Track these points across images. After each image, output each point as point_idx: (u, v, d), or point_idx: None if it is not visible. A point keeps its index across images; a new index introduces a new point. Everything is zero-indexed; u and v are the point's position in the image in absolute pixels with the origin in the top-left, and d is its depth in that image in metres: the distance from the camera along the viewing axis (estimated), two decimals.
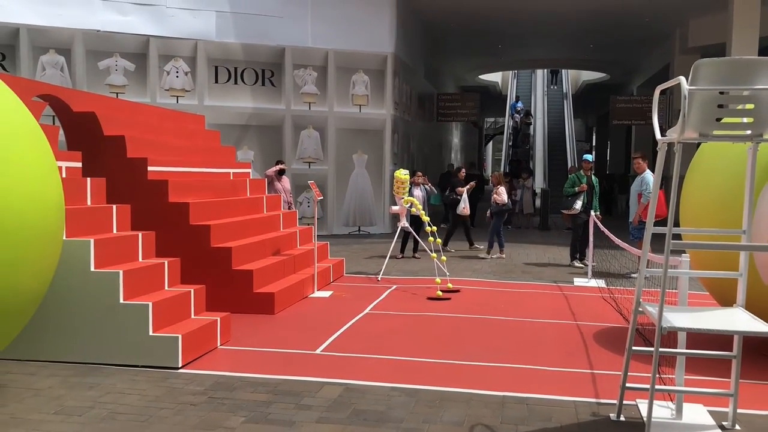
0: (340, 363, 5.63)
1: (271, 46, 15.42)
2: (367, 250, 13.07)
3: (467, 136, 37.27)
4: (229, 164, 9.71)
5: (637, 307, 4.07)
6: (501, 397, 4.79)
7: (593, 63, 28.04)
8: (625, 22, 19.88)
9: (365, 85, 16.20)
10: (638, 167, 10.08)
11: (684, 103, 3.32)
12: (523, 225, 19.57)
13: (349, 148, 16.21)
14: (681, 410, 4.37)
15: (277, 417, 4.35)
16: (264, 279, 7.62)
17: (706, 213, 5.69)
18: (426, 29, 20.70)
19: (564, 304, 8.23)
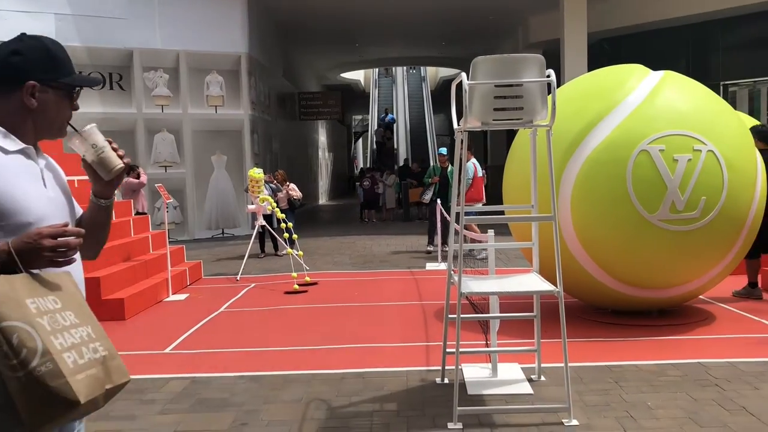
0: (189, 359, 5.76)
1: (117, 49, 14.98)
2: (228, 252, 13.09)
3: (335, 135, 37.75)
4: (73, 172, 9.41)
5: (449, 279, 4.54)
6: (341, 374, 5.13)
7: (447, 60, 29.34)
8: (472, 20, 21.01)
9: (220, 85, 16.12)
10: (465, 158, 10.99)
11: (466, 96, 3.79)
12: (387, 218, 20.25)
13: (207, 150, 16.06)
14: (496, 369, 4.91)
15: (119, 414, 4.44)
16: (113, 285, 7.55)
17: (518, 194, 6.34)
18: (281, 29, 20.83)
19: (413, 287, 8.76)
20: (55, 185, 1.97)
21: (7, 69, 1.85)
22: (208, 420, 4.29)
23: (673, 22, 17.87)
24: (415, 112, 36.27)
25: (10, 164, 1.83)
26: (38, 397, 1.59)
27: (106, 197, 2.03)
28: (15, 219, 1.78)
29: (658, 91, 6.13)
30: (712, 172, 5.79)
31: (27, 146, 1.90)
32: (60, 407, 1.61)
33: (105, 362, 1.74)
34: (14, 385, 1.59)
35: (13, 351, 1.58)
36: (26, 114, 1.88)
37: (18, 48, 1.86)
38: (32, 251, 1.70)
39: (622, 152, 5.77)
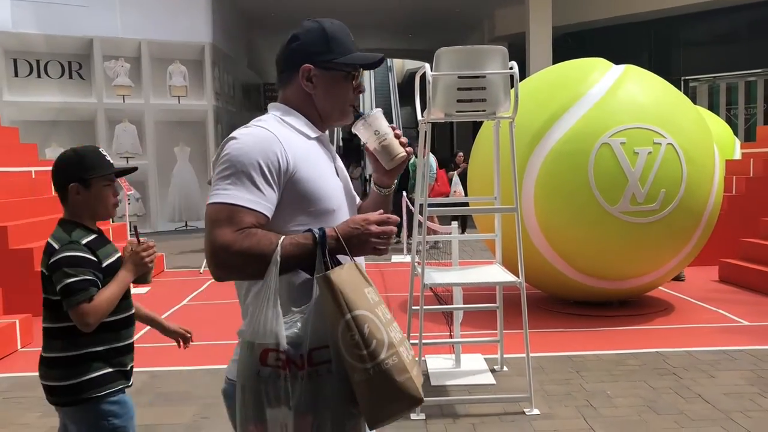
0: (149, 353, 5.65)
1: (76, 37, 14.60)
2: (192, 245, 12.91)
3: None
4: (30, 162, 9.20)
5: (413, 271, 4.54)
6: None
7: (414, 52, 29.33)
8: (438, 12, 21.03)
9: (183, 75, 15.86)
10: None
11: (429, 88, 3.78)
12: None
13: (170, 141, 15.80)
14: (459, 360, 4.93)
15: None
16: None
17: (482, 186, 6.36)
18: (245, 18, 20.57)
19: (379, 279, 8.75)
20: (341, 174, 1.92)
21: (288, 56, 1.84)
22: (168, 414, 4.23)
23: (636, 17, 18.15)
24: (381, 104, 36.21)
25: (312, 150, 1.80)
26: (383, 391, 1.54)
27: (387, 186, 1.97)
28: (321, 205, 1.74)
29: (620, 84, 6.21)
30: (671, 165, 5.89)
31: (322, 133, 1.87)
32: (404, 403, 1.57)
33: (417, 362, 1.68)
34: (359, 377, 1.54)
35: (364, 341, 1.53)
36: (309, 99, 1.84)
37: (297, 33, 1.86)
38: (360, 238, 1.67)
39: (584, 145, 5.83)
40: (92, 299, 2.22)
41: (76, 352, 2.30)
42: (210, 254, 1.63)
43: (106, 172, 2.37)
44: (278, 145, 1.69)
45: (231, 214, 1.62)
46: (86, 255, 2.28)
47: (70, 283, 2.21)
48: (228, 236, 1.59)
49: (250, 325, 1.61)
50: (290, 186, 1.70)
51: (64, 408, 2.36)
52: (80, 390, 2.30)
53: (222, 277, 1.66)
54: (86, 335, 2.28)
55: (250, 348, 1.59)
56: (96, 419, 2.32)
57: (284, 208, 1.70)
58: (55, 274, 2.24)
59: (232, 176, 1.65)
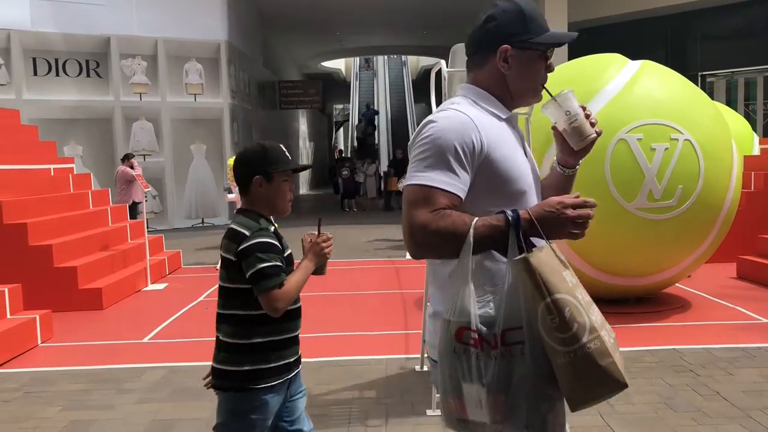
0: (167, 348, 5.73)
1: (94, 36, 14.74)
2: (208, 241, 13.00)
3: (316, 124, 37.57)
4: (49, 160, 9.30)
5: (429, 265, 4.54)
6: (320, 362, 5.13)
7: (428, 49, 29.26)
8: (453, 9, 20.97)
9: (199, 73, 15.95)
10: None
11: (444, 84, 3.77)
12: (368, 207, 20.23)
13: (186, 139, 15.91)
14: None
15: (96, 403, 4.41)
16: (90, 275, 7.46)
17: None
18: (261, 16, 20.65)
19: (394, 276, 8.77)
20: (528, 155, 1.94)
21: (484, 37, 1.85)
22: (186, 409, 4.27)
23: (653, 12, 18.00)
24: (396, 101, 36.18)
25: (504, 132, 1.83)
26: (587, 374, 1.56)
27: (572, 166, 2.00)
28: (513, 186, 1.77)
29: (637, 80, 6.17)
30: (688, 161, 5.84)
31: (512, 114, 1.89)
32: (608, 386, 1.59)
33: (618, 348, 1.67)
34: (562, 360, 1.56)
35: (566, 325, 1.55)
36: (503, 80, 1.85)
37: (493, 13, 1.85)
38: (556, 221, 1.66)
39: (601, 141, 5.72)
40: (282, 285, 2.28)
41: (251, 341, 2.34)
42: (408, 233, 1.69)
43: (287, 168, 2.43)
44: (473, 128, 1.72)
45: (427, 196, 1.67)
46: (275, 242, 2.34)
47: (263, 268, 2.26)
48: (424, 216, 1.65)
49: (446, 302, 1.66)
50: (483, 167, 1.73)
51: (222, 392, 2.38)
52: (248, 378, 2.33)
53: (418, 255, 1.70)
54: (266, 324, 2.34)
55: (447, 325, 1.63)
56: (240, 410, 2.34)
57: (477, 190, 1.73)
58: (246, 260, 2.28)
59: (429, 158, 1.70)
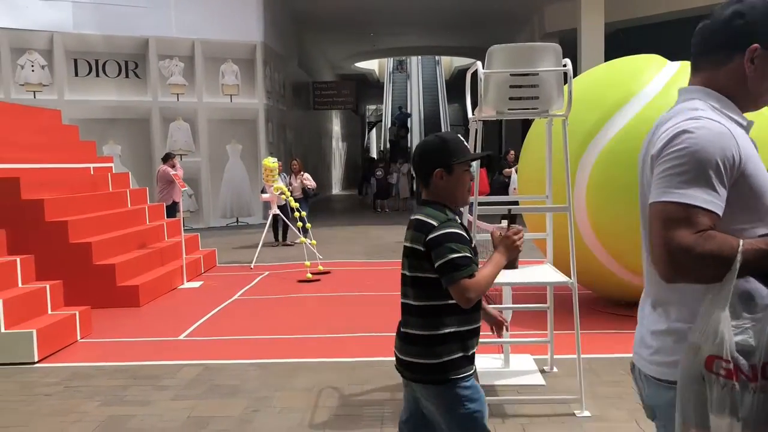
0: (202, 346, 5.81)
1: (133, 37, 15.02)
2: (243, 240, 13.14)
3: (349, 124, 37.71)
4: (89, 159, 9.51)
5: None
6: (352, 362, 5.15)
7: (462, 49, 29.15)
8: (487, 9, 20.86)
9: (235, 74, 16.14)
10: None
11: (481, 85, 3.76)
12: (400, 207, 20.23)
13: (222, 139, 16.11)
14: (508, 360, 4.90)
15: (133, 399, 4.49)
16: (128, 272, 7.61)
17: (533, 184, 6.30)
18: (296, 17, 20.80)
19: None
20: None
21: (730, 34, 1.70)
22: (220, 406, 4.32)
23: (692, 12, 17.63)
24: (429, 102, 36.14)
25: (749, 141, 1.67)
26: None
27: None
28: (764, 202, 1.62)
29: (676, 82, 6.05)
30: None
31: (750, 121, 1.73)
32: None
33: None
34: None
35: None
36: (744, 82, 1.70)
37: (740, 10, 1.69)
38: None
39: (638, 143, 5.63)
40: (473, 276, 2.26)
41: (441, 331, 2.34)
42: (665, 256, 1.55)
43: (467, 158, 2.41)
44: (732, 140, 1.59)
45: (689, 215, 1.54)
46: (464, 233, 2.33)
47: (455, 258, 2.24)
48: (688, 239, 1.52)
49: (693, 322, 1.55)
50: (738, 183, 1.60)
51: (418, 384, 2.41)
52: (442, 370, 2.33)
53: (675, 278, 1.56)
54: (455, 314, 2.33)
55: (695, 351, 1.50)
56: (453, 403, 2.36)
57: (729, 206, 1.59)
58: (436, 249, 2.27)
59: (688, 173, 1.56)
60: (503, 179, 12.30)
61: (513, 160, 13.22)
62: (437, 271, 2.27)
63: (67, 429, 4.01)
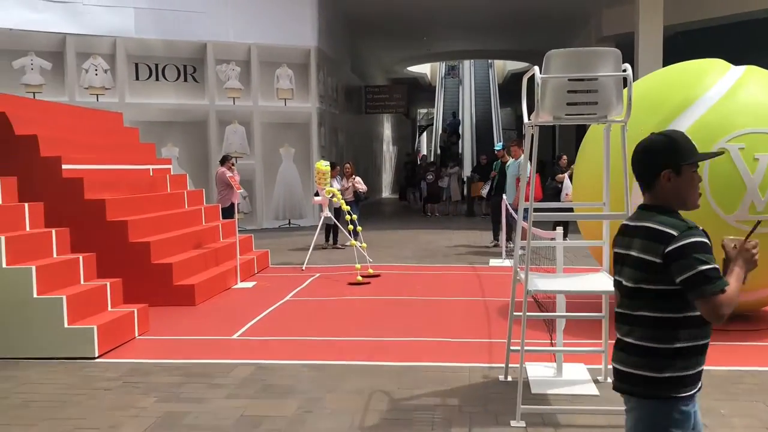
0: (255, 346, 5.90)
1: (192, 42, 15.39)
2: (295, 242, 13.30)
3: (400, 128, 37.77)
4: (149, 161, 9.78)
5: (515, 276, 4.49)
6: (402, 366, 5.15)
7: (516, 53, 28.88)
8: (542, 12, 20.62)
9: (289, 78, 16.36)
10: (515, 153, 11.18)
11: (538, 90, 3.72)
12: (451, 212, 20.14)
13: (275, 142, 16.35)
14: (561, 369, 4.83)
15: (188, 396, 4.59)
16: (184, 272, 7.79)
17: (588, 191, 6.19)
18: (350, 22, 20.96)
19: (476, 283, 8.69)
20: None
21: None
22: (272, 406, 4.38)
23: (755, 14, 17.06)
24: (481, 106, 35.89)
25: None
26: None
27: None
28: None
29: (740, 86, 5.88)
30: None
31: None
32: None
33: None
34: None
35: None
36: None
37: None
38: None
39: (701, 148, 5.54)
40: (725, 290, 2.09)
41: (673, 345, 2.20)
42: None
43: (696, 158, 2.24)
44: None
45: None
46: (709, 242, 2.15)
47: (705, 271, 2.08)
48: None
49: None
50: None
51: (634, 397, 2.29)
52: (665, 386, 2.21)
53: None
54: (689, 328, 2.19)
55: None
56: (659, 423, 2.23)
57: None
58: (680, 262, 2.10)
59: None
60: (556, 185, 12.11)
61: (565, 165, 13.03)
62: (683, 285, 2.11)
63: (125, 423, 4.13)
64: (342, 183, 12.56)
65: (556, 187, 12.06)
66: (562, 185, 11.86)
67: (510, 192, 11.02)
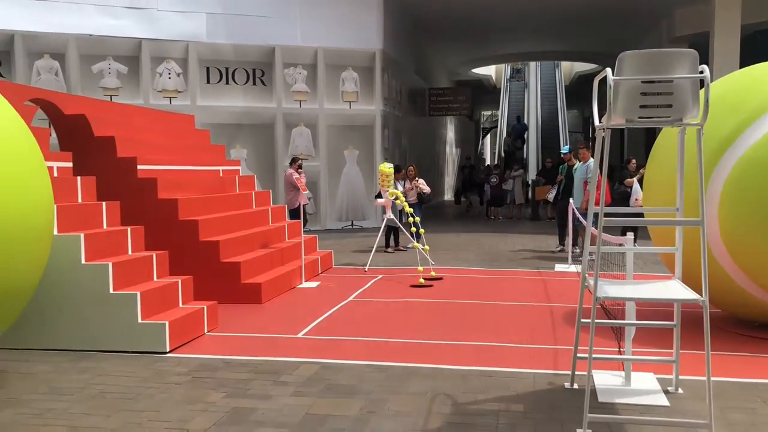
0: (319, 345, 5.98)
1: (261, 46, 15.74)
2: (358, 243, 13.41)
3: (463, 130, 37.57)
4: (219, 162, 10.05)
5: (584, 282, 4.41)
6: (465, 371, 5.13)
7: (583, 54, 28.31)
8: (614, 13, 20.15)
9: (355, 81, 16.52)
10: (583, 156, 10.89)
11: (610, 93, 3.65)
12: (515, 215, 19.89)
13: (340, 144, 16.53)
14: (630, 378, 4.71)
15: (255, 392, 4.70)
16: (252, 270, 7.96)
17: (660, 196, 6.02)
18: (414, 25, 20.99)
19: (541, 288, 8.56)
20: None
21: None
22: (337, 405, 4.43)
23: None
24: (547, 109, 35.32)
25: None
26: None
27: None
28: None
29: None
30: None
31: None
32: None
33: None
34: None
35: None
36: None
37: None
38: None
39: None
40: None
41: None
42: None
43: None
44: None
45: None
46: None
47: None
48: None
49: None
50: None
51: None
52: None
53: None
54: None
55: None
56: None
57: None
58: None
59: None
60: (625, 189, 11.78)
61: (634, 169, 12.68)
62: None
63: (195, 417, 4.26)
64: (405, 185, 12.58)
65: (625, 192, 11.74)
66: (631, 190, 11.54)
67: (577, 196, 10.81)
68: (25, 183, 4.70)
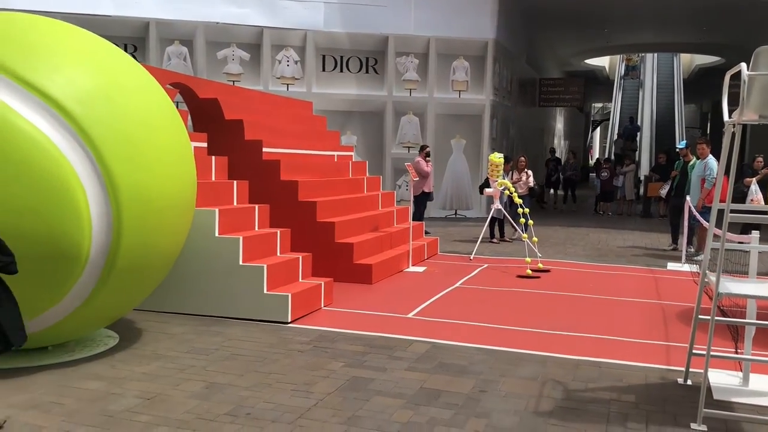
0: (430, 325, 6.21)
1: (375, 35, 16.09)
2: (462, 232, 13.54)
3: (572, 122, 36.69)
4: (334, 147, 10.46)
5: (703, 278, 4.38)
6: (576, 360, 5.20)
7: (706, 46, 26.93)
8: (740, 3, 19.07)
9: (465, 71, 16.58)
10: (702, 152, 10.42)
11: (743, 87, 3.62)
12: (625, 212, 19.35)
13: (447, 133, 16.66)
14: (748, 378, 4.63)
15: (372, 364, 4.98)
16: (363, 252, 8.30)
17: None
18: (528, 14, 20.70)
19: (652, 286, 8.41)
20: None
21: None
22: (449, 382, 4.63)
23: None
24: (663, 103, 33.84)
25: None
26: None
27: None
28: None
29: None
30: None
31: None
32: None
33: None
34: None
35: None
36: None
37: None
38: None
39: None
40: None
41: None
42: None
43: None
44: None
45: None
46: None
47: None
48: None
49: None
50: None
51: None
52: None
53: None
54: None
55: None
56: None
57: None
58: None
59: None
60: (742, 188, 11.17)
61: (761, 167, 12.08)
62: None
63: (319, 382, 4.59)
64: (513, 176, 12.58)
65: (742, 191, 11.18)
66: (748, 190, 10.98)
67: (694, 193, 10.43)
68: (176, 161, 5.17)
